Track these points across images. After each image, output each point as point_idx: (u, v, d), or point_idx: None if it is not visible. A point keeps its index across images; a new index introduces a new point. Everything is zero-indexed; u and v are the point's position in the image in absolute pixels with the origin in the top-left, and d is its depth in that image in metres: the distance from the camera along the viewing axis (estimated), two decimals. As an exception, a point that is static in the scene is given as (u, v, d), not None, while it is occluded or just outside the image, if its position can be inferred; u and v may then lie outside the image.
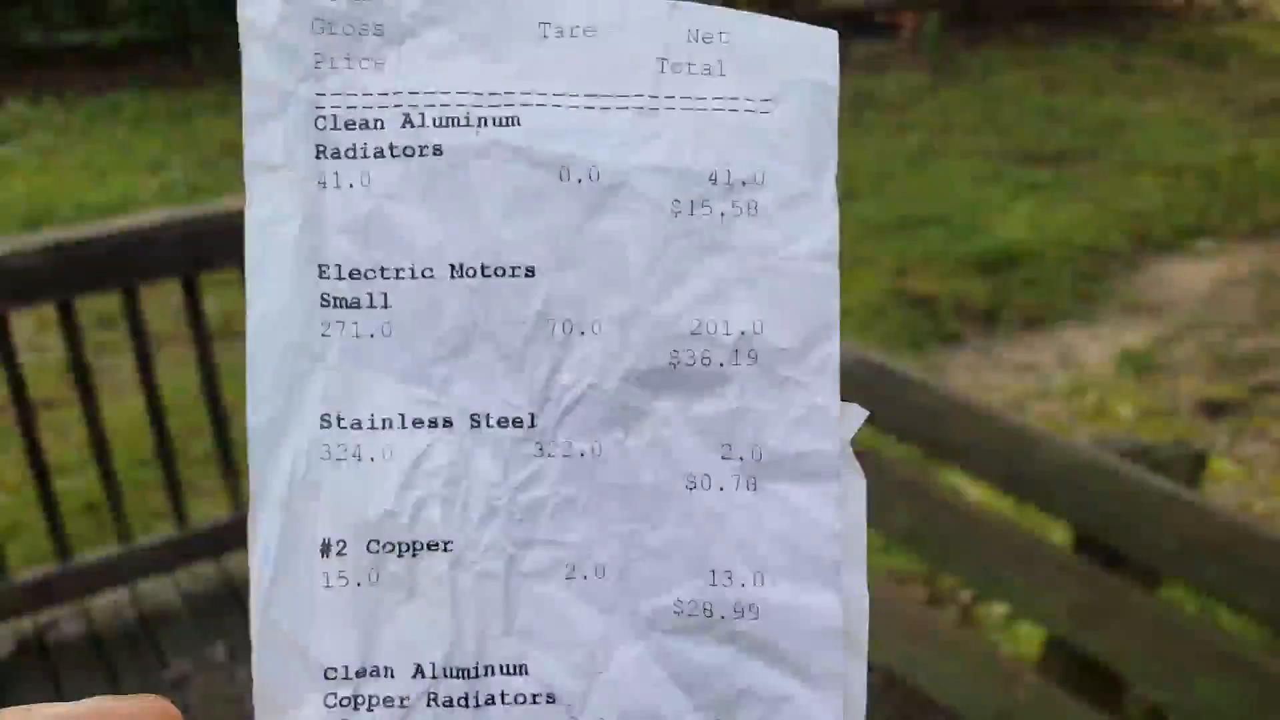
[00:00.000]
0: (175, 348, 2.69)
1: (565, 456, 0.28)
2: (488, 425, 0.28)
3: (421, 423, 0.28)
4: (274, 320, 0.28)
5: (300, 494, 0.28)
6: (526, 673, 0.28)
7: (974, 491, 2.14)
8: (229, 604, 2.03)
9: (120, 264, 1.83)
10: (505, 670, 0.28)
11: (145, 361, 1.91)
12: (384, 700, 0.28)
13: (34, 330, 3.12)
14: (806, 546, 0.28)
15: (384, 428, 0.28)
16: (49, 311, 1.94)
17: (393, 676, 0.28)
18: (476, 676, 0.28)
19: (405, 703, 0.28)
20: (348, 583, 0.28)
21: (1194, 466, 1.47)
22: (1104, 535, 1.32)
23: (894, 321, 3.66)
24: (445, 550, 0.28)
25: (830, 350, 0.28)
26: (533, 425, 0.28)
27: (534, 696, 0.28)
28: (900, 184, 4.84)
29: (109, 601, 2.05)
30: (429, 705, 0.28)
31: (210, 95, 6.16)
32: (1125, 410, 3.13)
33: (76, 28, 7.19)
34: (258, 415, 0.28)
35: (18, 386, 1.83)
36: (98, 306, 2.17)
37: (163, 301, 2.36)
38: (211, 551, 2.09)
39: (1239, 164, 5.12)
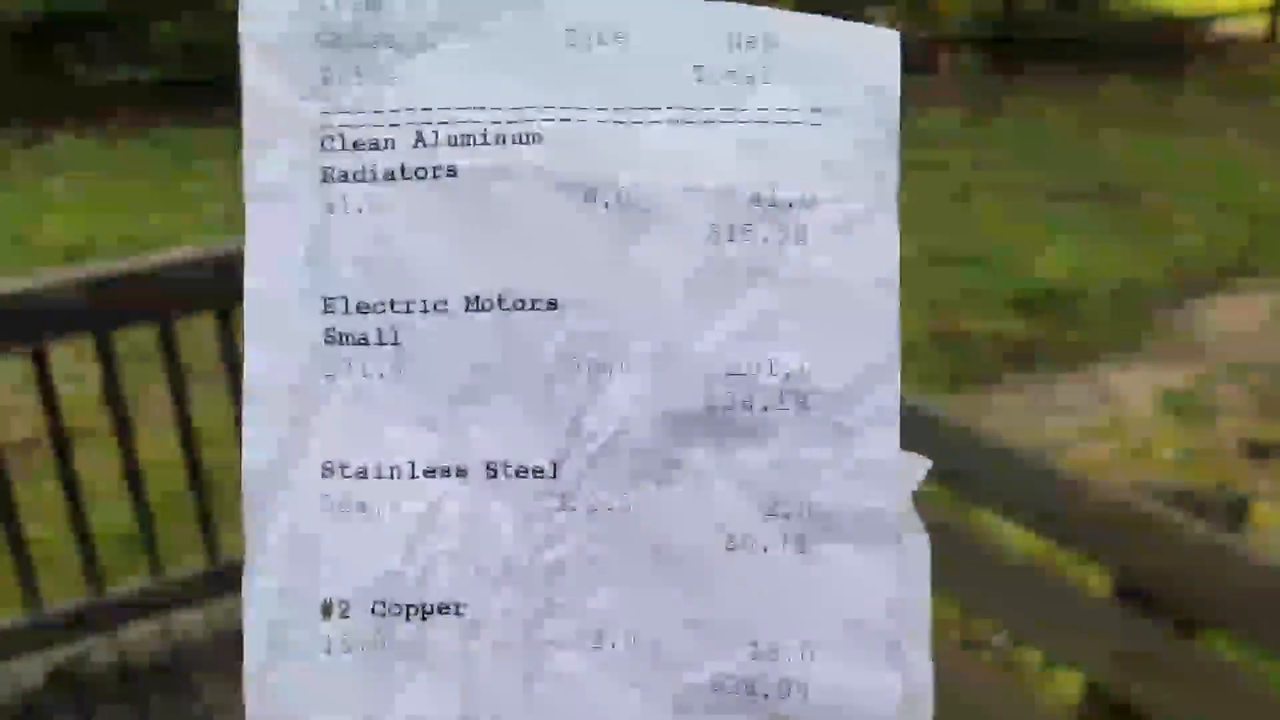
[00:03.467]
0: (210, 381, 2.71)
1: (591, 511, 0.25)
2: (505, 475, 0.25)
3: (433, 472, 0.25)
4: (274, 358, 0.25)
5: (299, 551, 0.25)
6: None
7: (1010, 534, 2.11)
8: (258, 638, 2.03)
9: (157, 298, 1.85)
10: None
11: (180, 394, 1.92)
12: None
13: (72, 362, 3.16)
14: (861, 618, 0.25)
15: (392, 477, 0.25)
16: (86, 344, 1.96)
17: None
18: None
19: None
20: (350, 649, 0.25)
21: (1236, 512, 1.43)
22: (1144, 582, 1.29)
23: (931, 361, 3.63)
24: (458, 614, 0.25)
25: (889, 394, 0.25)
26: (555, 476, 0.25)
27: None
28: (937, 221, 4.81)
29: (140, 633, 2.05)
30: None
31: (252, 131, 6.25)
32: (1167, 452, 3.08)
33: (120, 64, 7.33)
34: (254, 462, 0.25)
35: (55, 418, 1.84)
36: (134, 339, 2.19)
37: (198, 335, 2.38)
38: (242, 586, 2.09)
39: (1282, 202, 5.06)
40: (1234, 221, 4.85)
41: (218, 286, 1.86)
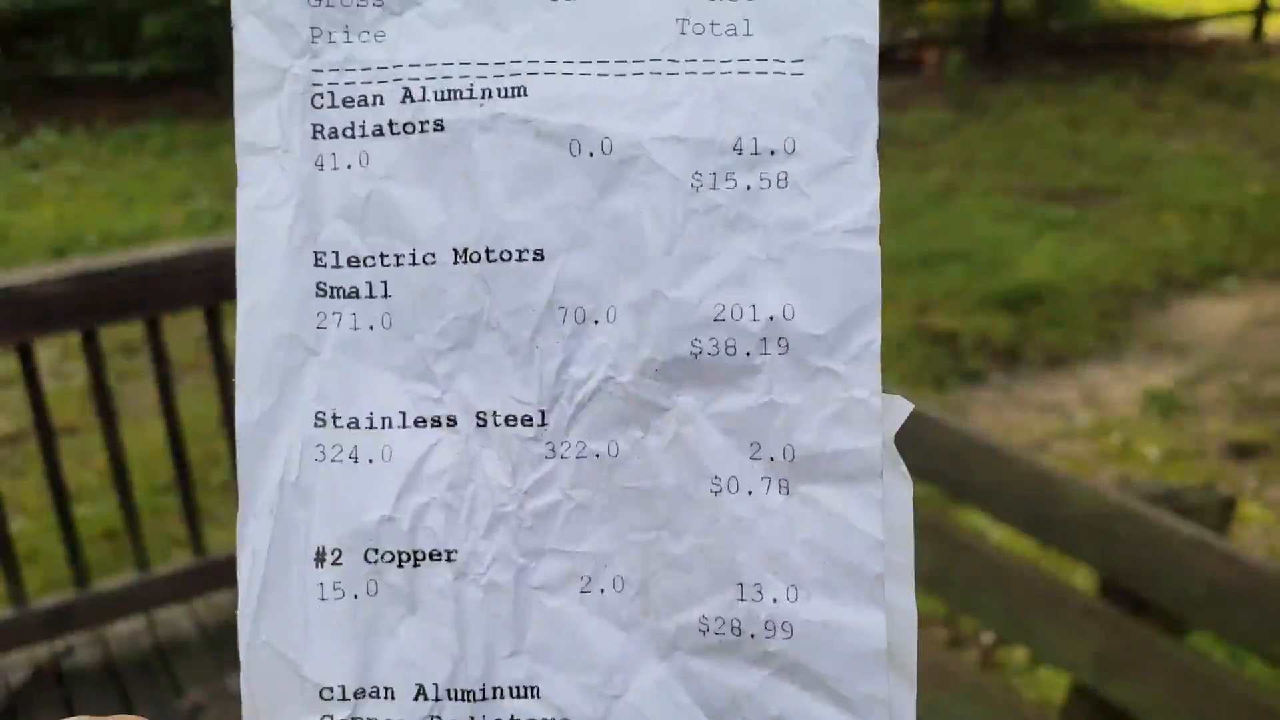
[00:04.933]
0: (196, 376, 2.70)
1: (579, 458, 0.26)
2: (495, 424, 0.26)
3: (424, 421, 0.26)
4: (266, 310, 0.26)
5: (292, 498, 0.26)
6: (538, 695, 0.26)
7: (996, 534, 2.12)
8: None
9: (144, 293, 1.84)
10: (515, 693, 0.26)
11: (166, 390, 1.91)
12: None
13: (58, 357, 3.14)
14: (845, 557, 0.25)
15: (383, 427, 0.26)
16: (73, 339, 1.96)
17: (393, 698, 0.25)
18: (483, 699, 0.26)
19: None
20: (344, 595, 0.26)
21: (1223, 511, 1.44)
22: (1129, 581, 1.30)
23: (915, 359, 3.64)
24: (449, 560, 0.26)
25: (870, 337, 0.25)
26: (543, 424, 0.26)
27: None
28: (922, 220, 4.83)
29: (126, 629, 2.05)
30: None
31: (238, 125, 6.23)
32: (1151, 451, 3.10)
33: (106, 59, 7.29)
34: (247, 412, 0.26)
35: (40, 413, 1.84)
36: (121, 334, 2.18)
37: (185, 330, 2.37)
38: (229, 581, 2.08)
39: (1266, 203, 5.09)
40: (1218, 222, 4.88)
41: (205, 282, 1.86)
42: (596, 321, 0.26)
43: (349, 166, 0.26)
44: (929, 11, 9.46)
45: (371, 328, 0.26)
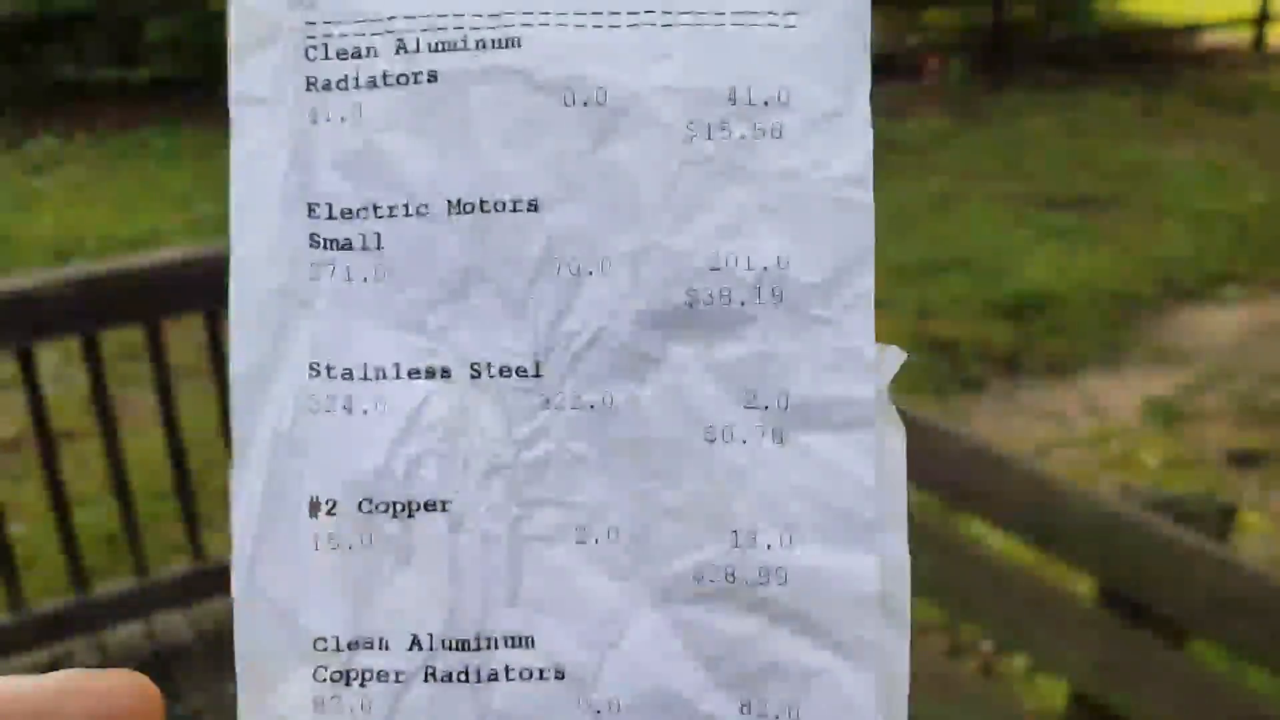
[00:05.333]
0: (197, 381, 2.70)
1: (574, 409, 0.26)
2: (489, 375, 0.26)
3: (418, 373, 0.26)
4: (259, 262, 0.26)
5: (286, 448, 0.26)
6: (533, 645, 0.25)
7: (996, 541, 2.12)
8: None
9: (145, 298, 1.85)
10: (510, 643, 0.26)
11: (167, 395, 1.92)
12: (378, 674, 0.25)
13: (59, 362, 3.14)
14: (839, 504, 0.25)
15: (377, 378, 0.26)
16: (73, 344, 1.96)
17: (387, 648, 0.25)
18: (478, 649, 0.25)
19: (401, 677, 0.25)
20: (338, 545, 0.25)
21: (1223, 520, 1.44)
22: (1130, 589, 1.29)
23: (916, 366, 3.64)
24: (444, 511, 0.26)
25: (864, 285, 0.25)
26: (538, 375, 0.26)
27: (540, 672, 0.25)
28: (923, 228, 4.83)
29: (124, 635, 2.05)
30: (426, 680, 0.25)
31: (240, 131, 6.25)
32: (1151, 459, 3.10)
33: (109, 64, 7.31)
34: (240, 363, 0.25)
35: (40, 418, 1.84)
36: (121, 339, 2.18)
37: (186, 336, 2.37)
38: (226, 587, 2.08)
39: (1267, 211, 5.09)
40: (1219, 230, 4.88)
41: (206, 288, 1.86)
42: (591, 273, 0.26)
43: (342, 119, 0.26)
44: (930, 19, 9.48)
45: (365, 280, 0.26)
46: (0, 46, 7.21)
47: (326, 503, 0.26)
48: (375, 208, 0.26)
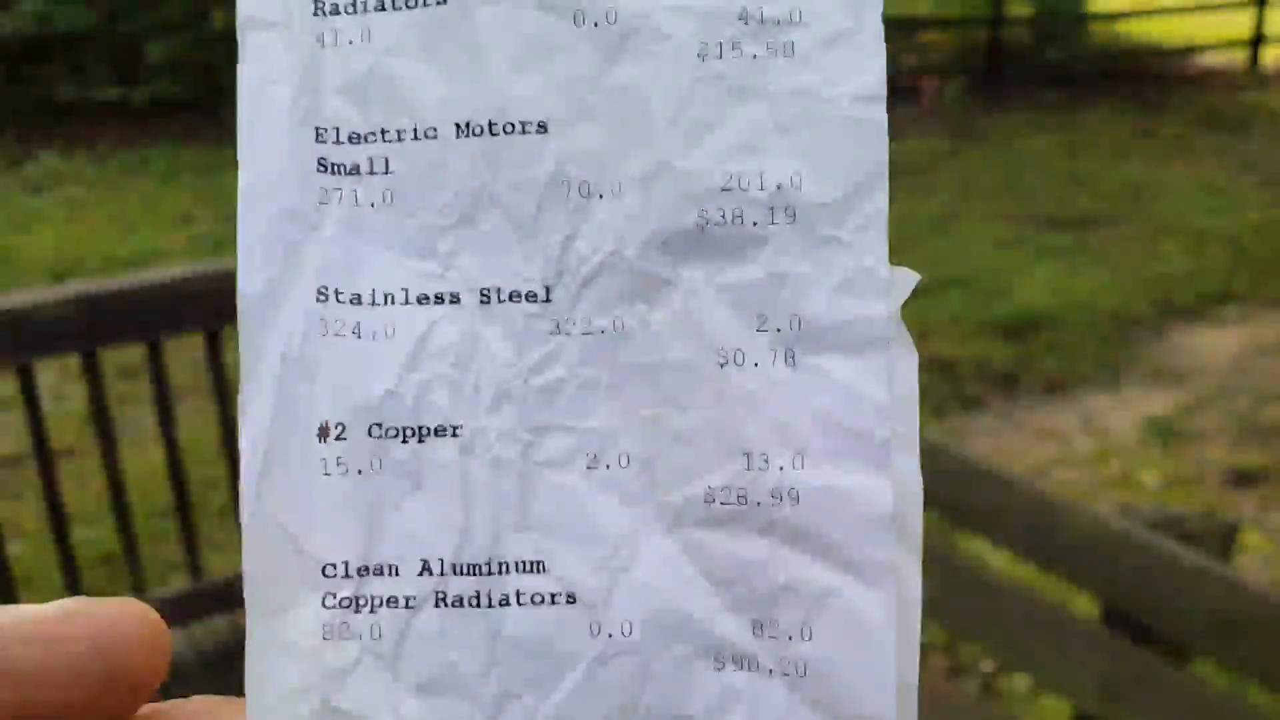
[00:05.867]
0: (196, 400, 2.70)
1: (584, 334, 0.25)
2: (498, 301, 0.25)
3: (426, 299, 0.25)
4: (267, 185, 0.25)
5: (295, 372, 0.25)
6: (544, 570, 0.25)
7: (997, 560, 2.11)
8: (242, 659, 2.01)
9: (145, 317, 1.85)
10: (521, 568, 0.25)
11: (166, 413, 1.91)
12: (388, 601, 0.25)
13: (57, 380, 3.14)
14: (851, 425, 0.25)
15: (386, 303, 0.25)
16: (72, 361, 1.96)
17: (398, 574, 0.25)
18: (489, 574, 0.25)
19: (411, 603, 0.25)
20: (348, 470, 0.25)
21: (1225, 539, 1.44)
22: (1132, 608, 1.29)
23: (915, 384, 3.64)
24: (454, 436, 0.25)
25: (878, 205, 0.25)
26: (548, 300, 0.25)
27: (553, 596, 0.25)
28: (921, 247, 4.85)
29: (122, 655, 2.04)
30: (437, 606, 0.25)
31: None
32: (1150, 479, 3.10)
33: (110, 83, 7.33)
34: (249, 286, 0.25)
35: (39, 436, 1.83)
36: (121, 357, 2.18)
37: (185, 354, 2.37)
38: (227, 606, 2.07)
39: (1264, 231, 5.11)
40: (1216, 250, 4.90)
41: (205, 306, 1.86)
42: (602, 195, 0.25)
43: (350, 42, 0.26)
44: (927, 40, 9.52)
45: (373, 205, 0.25)
46: (1, 66, 7.23)
47: (336, 427, 0.25)
48: (384, 132, 0.26)
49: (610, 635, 0.25)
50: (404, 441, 0.25)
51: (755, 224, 0.25)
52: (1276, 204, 5.48)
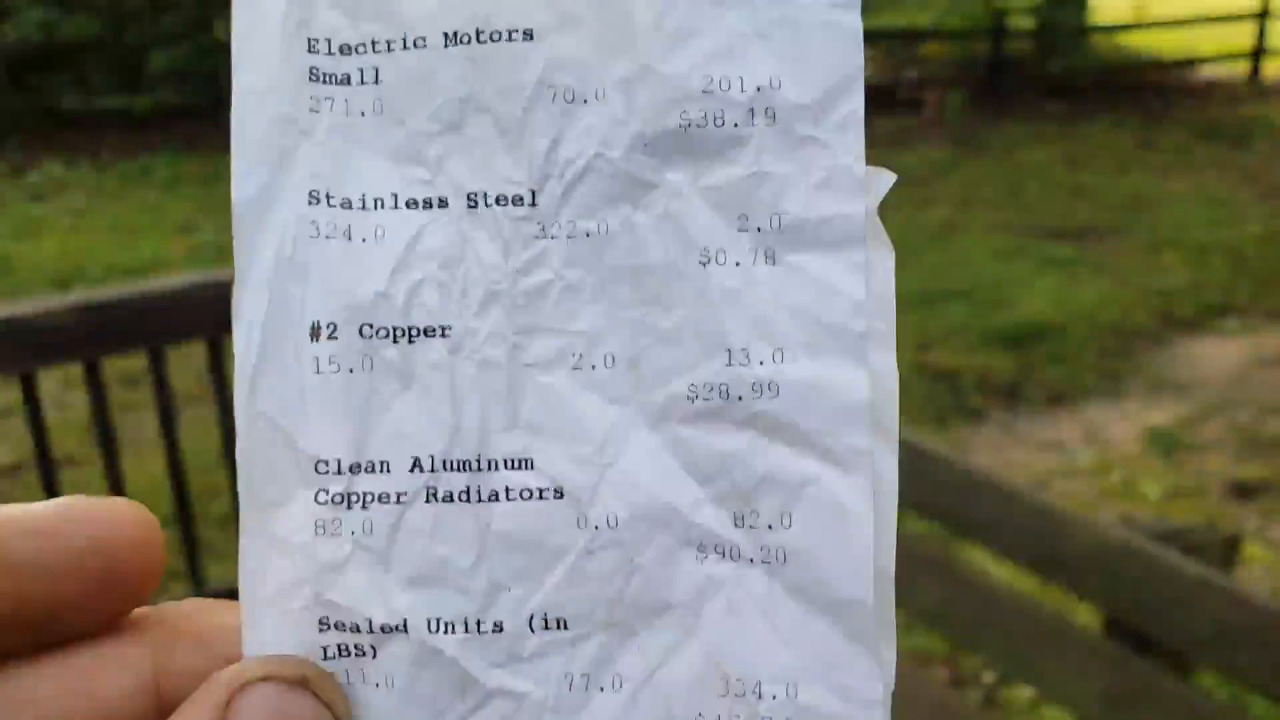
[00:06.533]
0: (198, 408, 2.70)
1: (570, 238, 0.26)
2: (485, 205, 0.26)
3: (415, 203, 0.26)
4: (261, 91, 0.26)
5: (287, 273, 0.26)
6: (532, 467, 0.26)
7: (999, 571, 2.11)
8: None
9: (147, 325, 1.85)
10: (509, 464, 0.26)
11: (168, 422, 1.91)
12: (379, 496, 0.26)
13: (59, 388, 3.14)
14: (829, 319, 0.26)
15: (376, 208, 0.26)
16: (74, 369, 1.96)
17: (389, 471, 0.26)
18: (479, 470, 0.26)
19: (402, 499, 0.26)
20: (339, 369, 0.26)
21: (1227, 550, 1.44)
22: (1134, 619, 1.29)
23: (917, 396, 3.64)
24: (443, 337, 0.26)
25: (854, 105, 0.26)
26: (534, 204, 0.26)
27: (540, 491, 0.26)
28: (923, 258, 4.85)
29: (122, 663, 2.03)
30: (428, 501, 0.26)
31: (242, 159, 6.29)
32: (1152, 490, 3.09)
33: (113, 92, 7.35)
34: (243, 189, 0.26)
35: (41, 443, 1.83)
36: (122, 365, 2.18)
37: (187, 362, 2.37)
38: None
39: (1265, 243, 5.12)
40: (1217, 262, 4.90)
41: (207, 314, 1.86)
42: (586, 101, 0.26)
43: None
44: (929, 52, 9.54)
45: (363, 114, 0.26)
46: (5, 75, 7.25)
47: (328, 326, 0.26)
48: (374, 43, 0.26)
49: (596, 528, 0.26)
50: (394, 341, 0.26)
51: (736, 125, 0.26)
52: (1277, 216, 5.48)
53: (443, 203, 0.26)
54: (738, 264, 0.26)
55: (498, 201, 0.26)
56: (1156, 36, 10.07)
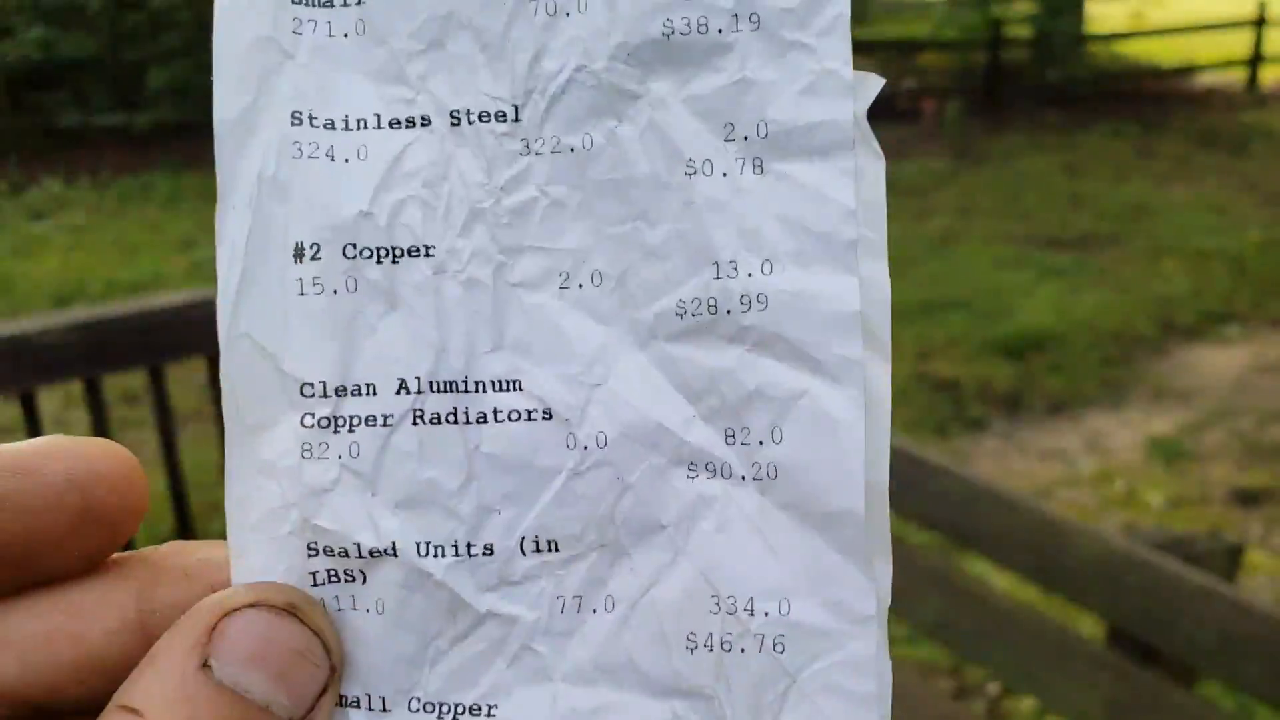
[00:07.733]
0: (198, 425, 2.70)
1: (553, 153, 0.26)
2: (468, 122, 0.26)
3: (398, 123, 0.26)
4: (242, 10, 0.26)
5: (270, 193, 0.26)
6: (520, 388, 0.26)
7: (1002, 581, 2.10)
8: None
9: (147, 342, 1.85)
10: (497, 386, 0.26)
11: (168, 439, 1.91)
12: (365, 419, 0.25)
13: (60, 406, 3.14)
14: (818, 227, 0.25)
15: (358, 128, 0.26)
16: (75, 387, 1.96)
17: (375, 394, 0.25)
18: (466, 392, 0.26)
19: (389, 421, 0.25)
20: (323, 290, 0.25)
21: (1231, 559, 1.43)
22: (1138, 629, 1.29)
23: (917, 406, 3.64)
24: (427, 256, 0.26)
25: (840, 9, 0.25)
26: (517, 119, 0.26)
27: (529, 413, 0.26)
28: (922, 268, 4.85)
29: (123, 682, 2.03)
30: (415, 424, 0.26)
31: (241, 176, 6.32)
32: (1155, 498, 3.09)
33: (112, 110, 7.37)
34: (225, 110, 0.26)
35: (41, 463, 1.83)
36: (123, 383, 2.18)
37: (187, 379, 2.37)
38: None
39: (1265, 249, 5.12)
40: (1218, 269, 4.90)
41: (208, 331, 1.85)
42: (569, 13, 0.25)
43: None
44: (926, 62, 9.56)
45: (345, 35, 0.26)
46: (4, 92, 7.27)
47: (311, 246, 0.26)
48: None
49: (586, 448, 0.26)
50: (378, 262, 0.26)
51: (720, 31, 0.25)
52: (1277, 223, 5.49)
53: (425, 121, 0.26)
54: (724, 174, 0.25)
55: (480, 118, 0.26)
56: (1154, 45, 10.09)
